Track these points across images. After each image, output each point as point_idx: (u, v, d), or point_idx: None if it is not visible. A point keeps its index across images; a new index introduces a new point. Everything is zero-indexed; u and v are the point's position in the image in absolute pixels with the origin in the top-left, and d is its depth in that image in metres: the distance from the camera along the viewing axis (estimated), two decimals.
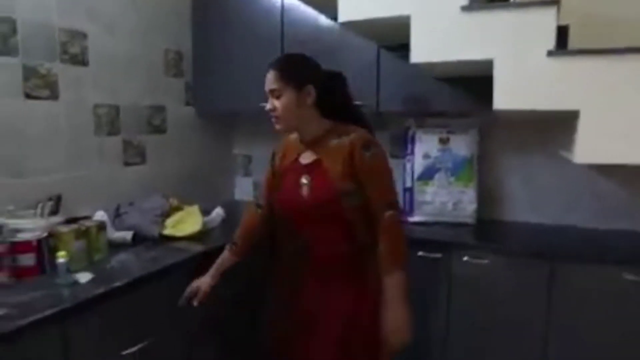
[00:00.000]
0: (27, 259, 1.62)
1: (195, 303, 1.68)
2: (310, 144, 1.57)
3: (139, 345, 1.59)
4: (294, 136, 1.65)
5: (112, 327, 1.53)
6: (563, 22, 2.20)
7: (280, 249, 1.72)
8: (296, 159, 1.61)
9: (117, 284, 1.55)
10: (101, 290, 1.49)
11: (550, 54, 1.60)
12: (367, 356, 1.55)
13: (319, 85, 1.53)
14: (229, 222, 2.38)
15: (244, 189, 3.12)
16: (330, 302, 1.56)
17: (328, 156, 1.52)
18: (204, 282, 1.69)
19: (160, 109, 2.50)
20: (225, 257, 1.73)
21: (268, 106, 1.53)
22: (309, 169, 1.56)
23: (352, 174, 1.49)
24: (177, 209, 2.30)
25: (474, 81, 2.12)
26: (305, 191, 1.54)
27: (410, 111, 2.39)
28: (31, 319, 1.29)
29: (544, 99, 1.65)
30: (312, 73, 1.54)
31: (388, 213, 1.48)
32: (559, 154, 2.25)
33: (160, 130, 2.51)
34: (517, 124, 2.43)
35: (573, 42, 2.16)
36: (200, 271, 1.75)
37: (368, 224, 1.51)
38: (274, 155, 1.71)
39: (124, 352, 1.56)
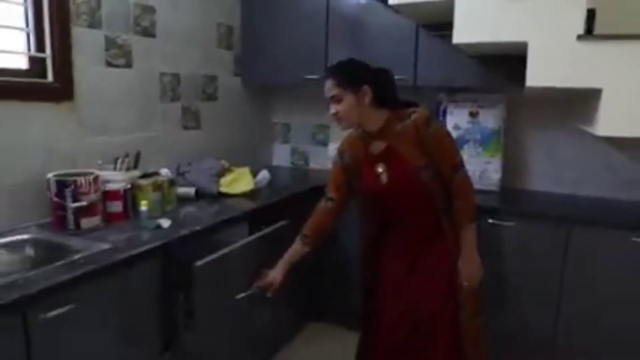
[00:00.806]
0: (116, 206, 1.89)
1: (269, 295, 1.83)
2: (377, 134, 1.72)
3: None
4: (351, 132, 1.83)
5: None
6: (591, 6, 2.39)
7: (366, 223, 1.89)
8: (366, 152, 1.76)
9: (197, 228, 1.82)
10: (185, 232, 1.76)
11: (579, 37, 1.79)
12: (450, 299, 1.77)
13: (372, 83, 1.68)
14: (273, 184, 2.64)
15: (282, 155, 3.37)
16: (418, 262, 1.78)
17: (397, 140, 1.68)
18: (277, 275, 1.82)
19: (213, 79, 2.74)
20: (296, 249, 1.85)
21: (332, 111, 1.69)
22: (382, 157, 1.72)
23: (422, 149, 1.65)
24: (228, 170, 2.55)
25: (504, 60, 2.31)
26: (384, 179, 1.71)
27: (444, 86, 2.58)
28: (139, 250, 1.57)
29: (571, 77, 1.85)
30: (364, 74, 1.69)
31: (457, 176, 1.69)
32: (578, 130, 2.45)
33: (212, 98, 2.75)
34: (541, 101, 2.61)
35: (600, 25, 2.34)
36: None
37: (443, 190, 1.70)
38: (342, 154, 1.83)
39: None
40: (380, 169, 1.72)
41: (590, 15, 2.15)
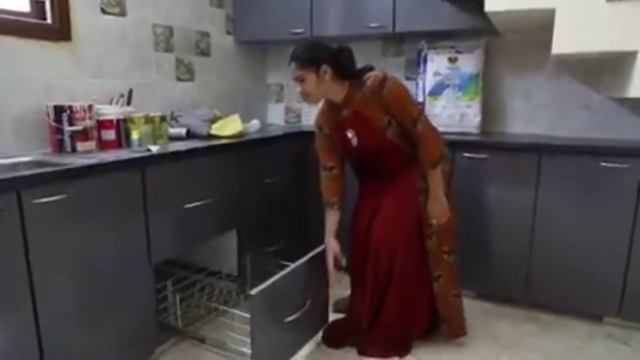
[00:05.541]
0: (109, 134, 2.07)
1: (343, 264, 2.10)
2: (343, 103, 1.95)
3: (197, 203, 2.05)
4: (322, 107, 2.08)
5: (177, 184, 1.97)
6: None
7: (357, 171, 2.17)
8: (338, 120, 1.99)
9: (182, 148, 1.98)
10: (169, 151, 1.92)
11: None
12: (412, 227, 1.99)
13: (332, 61, 1.88)
14: (263, 132, 2.79)
15: (276, 114, 3.53)
16: (388, 188, 2.02)
17: (361, 106, 1.90)
18: (334, 247, 2.07)
19: (205, 35, 2.90)
20: (333, 218, 2.10)
21: (298, 89, 1.93)
22: (350, 122, 1.95)
23: (383, 110, 1.87)
24: (220, 118, 2.71)
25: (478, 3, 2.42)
26: (354, 142, 1.96)
27: (423, 31, 2.68)
28: (118, 159, 1.74)
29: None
30: (323, 55, 1.89)
31: (417, 127, 1.89)
32: (556, 72, 2.57)
33: (205, 53, 2.92)
34: (518, 45, 2.71)
35: None
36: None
37: (409, 139, 1.92)
38: (320, 127, 2.08)
39: (186, 206, 2.01)
40: (350, 134, 1.97)
41: None
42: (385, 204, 2.02)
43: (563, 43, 1.96)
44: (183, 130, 2.43)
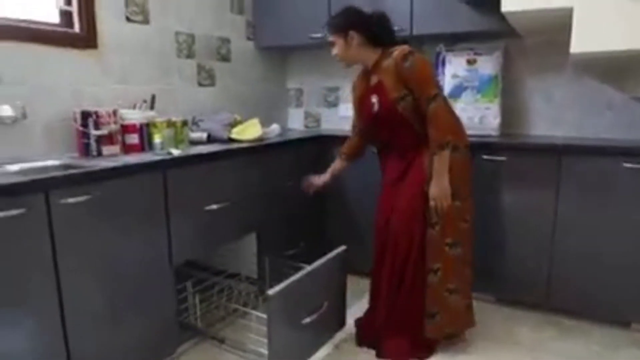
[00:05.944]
0: (133, 138, 2.13)
1: (310, 192, 2.38)
2: (373, 70, 2.04)
3: (217, 205, 2.09)
4: (359, 72, 2.16)
5: (198, 187, 2.02)
6: None
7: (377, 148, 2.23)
8: (366, 85, 2.09)
9: (203, 151, 2.03)
10: (190, 154, 1.98)
11: None
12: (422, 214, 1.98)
13: (363, 28, 1.98)
14: (283, 136, 2.82)
15: (296, 118, 3.57)
16: (405, 172, 2.05)
17: (384, 75, 1.97)
18: (322, 179, 2.35)
19: (226, 41, 2.97)
20: (337, 164, 2.36)
21: (332, 53, 2.07)
22: (375, 89, 2.02)
23: (402, 83, 1.91)
24: (240, 122, 2.76)
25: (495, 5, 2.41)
26: (375, 107, 2.02)
27: (442, 34, 2.68)
28: (141, 162, 1.79)
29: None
30: (352, 22, 2.00)
31: (431, 106, 1.89)
32: (577, 72, 2.52)
33: (226, 59, 2.98)
34: (538, 47, 2.69)
35: None
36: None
37: (421, 117, 1.93)
38: (354, 89, 2.20)
39: (206, 208, 2.05)
40: (374, 99, 2.04)
41: None
42: (401, 195, 2.03)
43: (582, 42, 1.92)
44: (204, 135, 2.49)
